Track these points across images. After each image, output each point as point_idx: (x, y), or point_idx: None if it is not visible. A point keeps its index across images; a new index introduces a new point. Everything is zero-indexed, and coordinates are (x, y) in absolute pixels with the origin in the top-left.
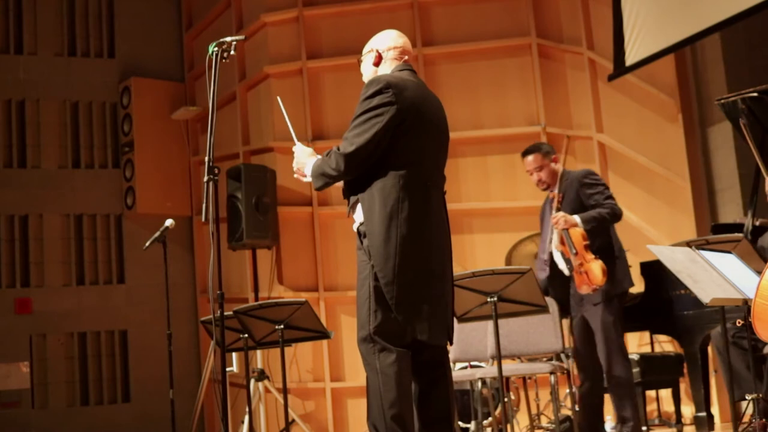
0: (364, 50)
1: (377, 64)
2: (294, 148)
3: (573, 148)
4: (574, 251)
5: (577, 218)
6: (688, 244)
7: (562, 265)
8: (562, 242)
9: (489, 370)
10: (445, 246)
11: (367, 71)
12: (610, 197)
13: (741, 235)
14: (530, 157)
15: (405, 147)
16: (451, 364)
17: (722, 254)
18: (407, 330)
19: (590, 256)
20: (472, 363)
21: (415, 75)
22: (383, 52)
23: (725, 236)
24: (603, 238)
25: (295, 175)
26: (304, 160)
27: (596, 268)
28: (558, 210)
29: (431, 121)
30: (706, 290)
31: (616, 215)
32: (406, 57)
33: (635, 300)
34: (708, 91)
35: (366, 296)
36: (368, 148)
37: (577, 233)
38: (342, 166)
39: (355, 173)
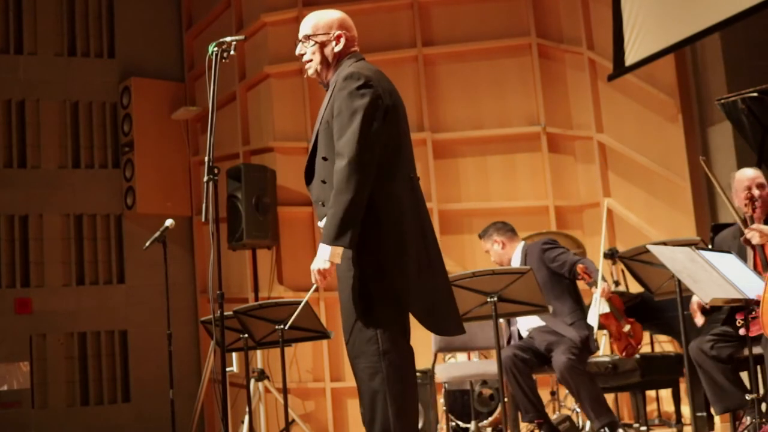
0: (318, 28)
1: (345, 53)
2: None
3: (573, 148)
4: (620, 317)
5: (605, 283)
6: (646, 248)
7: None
8: (608, 315)
9: (489, 368)
10: (434, 236)
11: (326, 54)
12: (575, 253)
13: (699, 238)
14: (481, 243)
15: (388, 139)
16: (445, 357)
17: (722, 254)
18: (428, 326)
19: (630, 318)
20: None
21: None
22: (348, 39)
23: (685, 239)
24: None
25: (318, 278)
26: (313, 264)
27: (639, 327)
28: (587, 279)
29: (402, 112)
30: (706, 290)
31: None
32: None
33: (635, 300)
34: (708, 91)
35: (360, 296)
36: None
37: (618, 300)
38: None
39: (372, 175)
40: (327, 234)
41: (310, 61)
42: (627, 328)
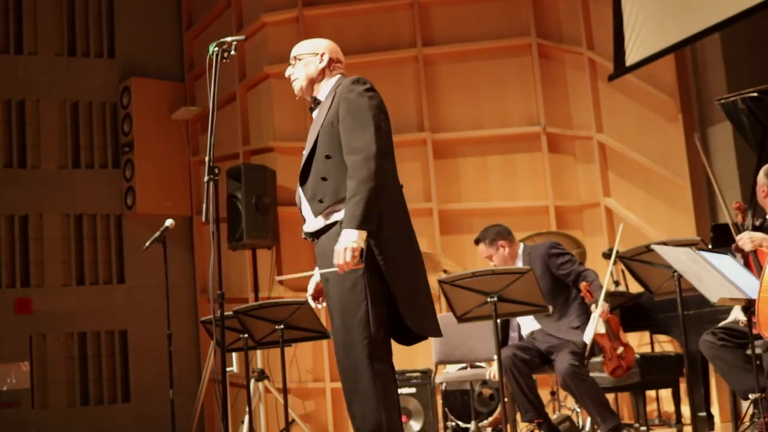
0: (305, 50)
1: (330, 71)
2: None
3: (573, 148)
4: (615, 338)
5: (605, 305)
6: (648, 247)
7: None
8: (604, 335)
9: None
10: (417, 241)
11: (310, 72)
12: (580, 263)
13: (699, 238)
14: (479, 248)
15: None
16: (442, 366)
17: (720, 255)
18: (413, 325)
19: (625, 339)
20: (474, 364)
21: None
22: (333, 60)
23: (685, 239)
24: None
25: (342, 258)
26: (338, 245)
27: (631, 350)
28: (590, 298)
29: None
30: (711, 290)
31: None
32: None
33: (635, 300)
34: (708, 91)
35: (363, 295)
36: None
37: (615, 321)
38: (373, 166)
39: (386, 169)
40: (353, 218)
41: (297, 78)
42: (620, 350)
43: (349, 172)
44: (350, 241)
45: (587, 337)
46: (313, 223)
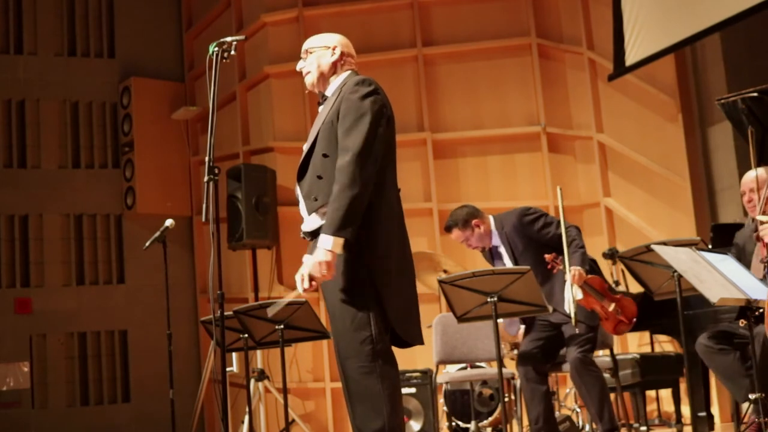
0: (316, 43)
1: (342, 66)
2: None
3: (573, 148)
4: (602, 297)
5: (579, 268)
6: (648, 247)
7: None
8: (587, 298)
9: (489, 371)
10: (410, 247)
11: (322, 64)
12: (558, 224)
13: (699, 238)
14: (452, 235)
15: (387, 147)
16: (441, 367)
17: (721, 256)
18: (401, 331)
19: (616, 295)
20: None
21: None
22: (345, 54)
23: (685, 239)
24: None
25: (324, 273)
26: (312, 257)
27: (628, 302)
28: (558, 267)
29: (394, 125)
30: (712, 290)
31: (580, 233)
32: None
33: (635, 300)
34: (708, 91)
35: (362, 295)
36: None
37: (596, 281)
38: (362, 171)
39: (375, 175)
40: (330, 224)
41: (309, 72)
42: (612, 306)
43: (336, 174)
44: (325, 252)
45: (566, 306)
46: (309, 222)
